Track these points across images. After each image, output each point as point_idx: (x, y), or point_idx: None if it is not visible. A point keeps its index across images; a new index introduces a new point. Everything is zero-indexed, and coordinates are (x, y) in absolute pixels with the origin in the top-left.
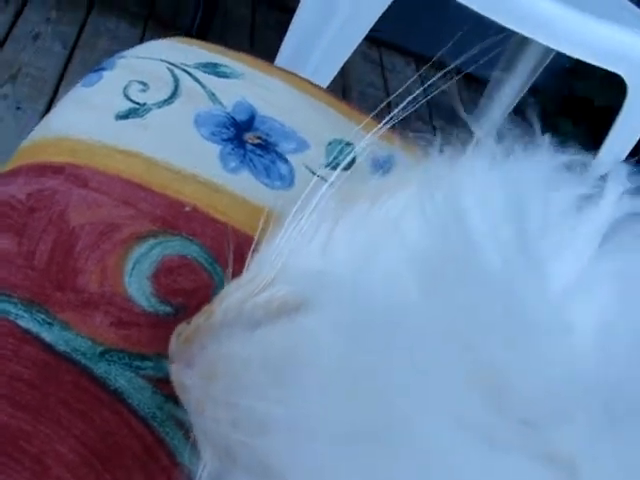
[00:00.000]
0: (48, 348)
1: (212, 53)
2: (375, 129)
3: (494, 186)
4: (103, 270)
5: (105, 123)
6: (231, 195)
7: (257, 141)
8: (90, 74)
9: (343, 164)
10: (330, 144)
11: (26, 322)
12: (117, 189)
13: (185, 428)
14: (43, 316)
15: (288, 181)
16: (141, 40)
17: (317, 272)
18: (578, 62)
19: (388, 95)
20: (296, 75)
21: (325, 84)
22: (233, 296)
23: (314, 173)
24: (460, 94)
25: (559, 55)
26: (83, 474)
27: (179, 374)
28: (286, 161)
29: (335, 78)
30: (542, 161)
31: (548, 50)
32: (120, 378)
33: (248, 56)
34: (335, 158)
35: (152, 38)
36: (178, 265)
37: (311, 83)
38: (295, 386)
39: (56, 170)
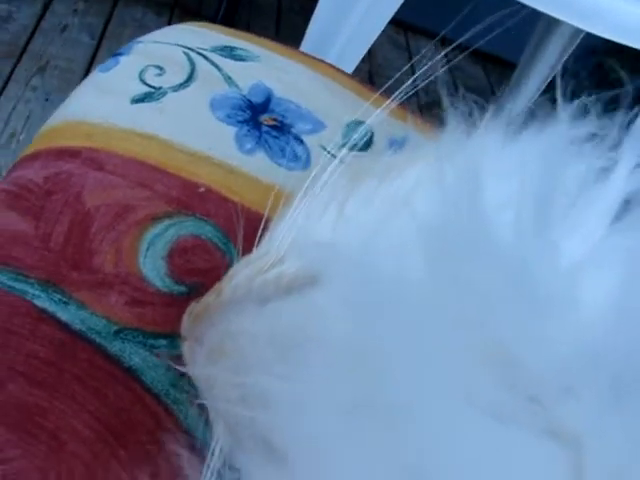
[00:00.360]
0: (64, 327)
1: (229, 37)
2: (387, 102)
3: (508, 161)
4: (118, 251)
5: (121, 107)
6: (246, 176)
7: (273, 123)
8: (108, 60)
9: (359, 143)
10: (348, 125)
11: (42, 302)
12: (133, 171)
13: (198, 405)
14: (59, 296)
15: (303, 161)
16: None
17: (326, 246)
18: (609, 42)
19: (415, 80)
20: (315, 58)
21: (350, 69)
22: (242, 273)
23: (330, 153)
24: (488, 78)
25: (589, 36)
26: (98, 449)
27: (190, 351)
28: (302, 142)
29: (361, 63)
30: (557, 133)
31: (577, 31)
32: (134, 356)
33: (265, 39)
34: (352, 139)
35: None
36: (192, 245)
37: (331, 66)
38: (301, 361)
39: (73, 154)
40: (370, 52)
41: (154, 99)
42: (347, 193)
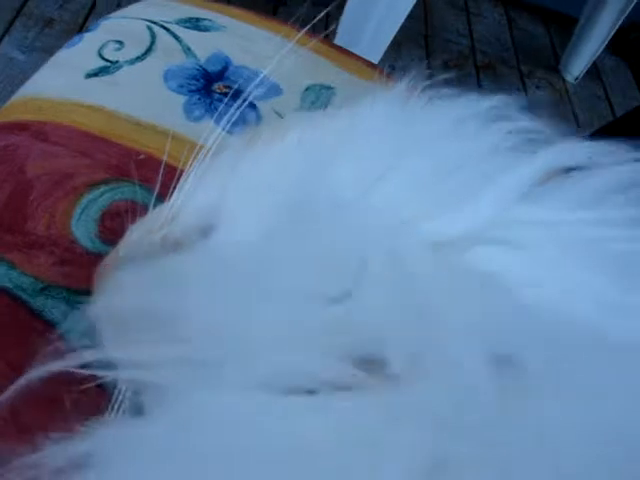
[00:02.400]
0: None
1: (198, 8)
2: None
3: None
4: (52, 215)
5: (74, 82)
6: (190, 142)
7: (225, 90)
8: (74, 37)
9: (317, 105)
10: (307, 89)
11: None
12: (76, 141)
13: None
14: None
15: (252, 126)
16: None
17: (211, 207)
18: None
19: (472, 42)
20: (288, 25)
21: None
22: (136, 232)
23: (282, 117)
24: (550, 37)
25: None
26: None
27: (95, 305)
28: (254, 107)
29: (417, 26)
30: (442, 112)
31: None
32: (55, 310)
33: (237, 9)
34: (311, 103)
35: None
36: (125, 209)
37: (304, 33)
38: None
39: (22, 127)
40: (426, 13)
41: (109, 73)
42: (239, 156)
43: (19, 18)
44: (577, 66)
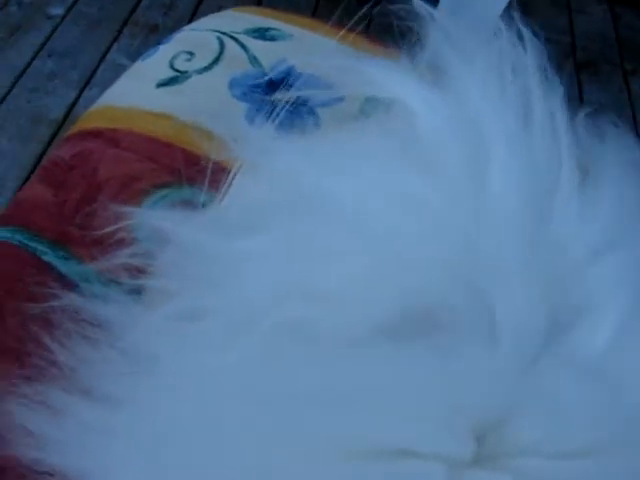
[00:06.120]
0: (63, 277)
1: (267, 18)
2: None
3: None
4: (118, 215)
5: (146, 91)
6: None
7: (288, 97)
8: (150, 49)
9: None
10: (367, 100)
11: (48, 257)
12: (143, 147)
13: None
14: (63, 252)
15: (310, 132)
16: (315, 5)
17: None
18: None
19: (573, 39)
20: (354, 34)
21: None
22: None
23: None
24: None
25: None
26: None
27: None
28: (314, 114)
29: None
30: None
31: None
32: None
33: (305, 18)
34: (368, 113)
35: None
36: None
37: (367, 39)
38: None
39: (96, 134)
40: (525, 11)
41: (178, 82)
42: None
43: (127, 26)
44: None
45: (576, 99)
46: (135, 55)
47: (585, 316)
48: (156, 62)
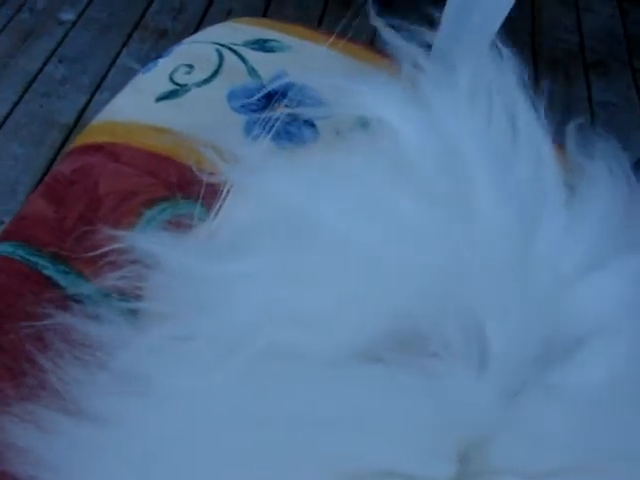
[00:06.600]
0: (62, 290)
1: (267, 29)
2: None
3: None
4: (116, 229)
5: (145, 105)
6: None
7: (286, 109)
8: (150, 62)
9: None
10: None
11: (49, 271)
12: (143, 161)
13: None
14: (63, 267)
15: (310, 144)
16: (324, 8)
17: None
18: None
19: (582, 38)
20: (353, 43)
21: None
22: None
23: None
24: None
25: None
26: None
27: None
28: (313, 126)
29: (524, 24)
30: None
31: None
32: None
33: (304, 28)
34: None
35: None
36: (186, 224)
37: (367, 49)
38: None
39: (97, 149)
40: (534, 10)
41: (178, 96)
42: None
43: (137, 31)
44: None
45: (585, 99)
46: (145, 59)
47: (577, 345)
48: (156, 75)
